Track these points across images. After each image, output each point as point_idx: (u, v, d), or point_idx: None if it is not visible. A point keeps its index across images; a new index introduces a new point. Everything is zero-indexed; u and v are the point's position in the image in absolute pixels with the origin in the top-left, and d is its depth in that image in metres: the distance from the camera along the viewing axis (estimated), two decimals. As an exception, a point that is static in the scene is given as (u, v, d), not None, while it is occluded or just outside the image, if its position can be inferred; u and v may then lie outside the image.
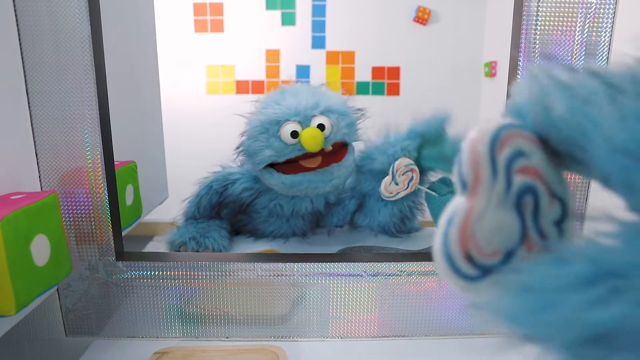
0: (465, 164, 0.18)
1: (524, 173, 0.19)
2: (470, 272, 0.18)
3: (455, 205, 0.18)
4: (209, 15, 1.71)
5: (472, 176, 0.18)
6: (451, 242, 0.18)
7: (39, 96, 0.48)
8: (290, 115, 0.56)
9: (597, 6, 0.46)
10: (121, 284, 0.53)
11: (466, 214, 0.18)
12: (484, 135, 0.18)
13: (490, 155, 0.18)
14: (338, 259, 0.53)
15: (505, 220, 0.18)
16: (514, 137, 0.18)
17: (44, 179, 0.50)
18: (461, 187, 0.18)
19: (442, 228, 0.18)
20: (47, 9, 0.46)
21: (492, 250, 0.18)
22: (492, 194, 0.18)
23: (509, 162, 0.18)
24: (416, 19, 1.78)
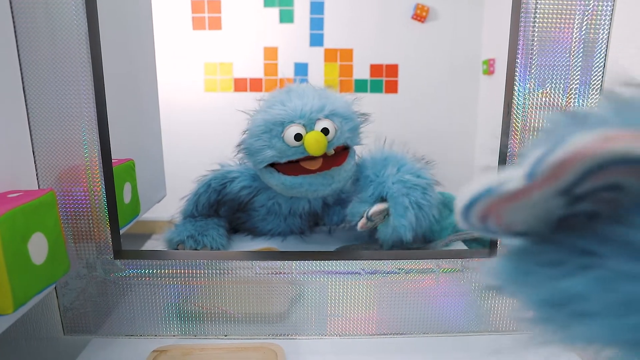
0: (551, 162, 0.15)
1: (600, 202, 0.16)
2: (477, 225, 0.18)
3: (506, 180, 0.16)
4: (206, 12, 1.71)
5: (545, 176, 0.15)
6: (478, 206, 0.17)
7: (36, 94, 0.47)
8: (294, 117, 0.56)
9: (595, 3, 0.46)
10: (119, 282, 0.53)
11: (510, 198, 0.16)
12: (595, 157, 0.14)
13: (581, 177, 0.15)
14: (336, 257, 0.53)
15: (540, 220, 0.18)
16: (626, 173, 0.15)
17: (41, 177, 0.50)
18: (529, 172, 0.15)
19: (479, 187, 0.17)
20: (44, 6, 0.46)
21: (508, 226, 0.18)
22: (550, 201, 0.16)
23: (594, 190, 0.16)
24: (414, 17, 1.78)
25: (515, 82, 0.49)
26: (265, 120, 0.57)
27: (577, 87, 0.48)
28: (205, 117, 1.66)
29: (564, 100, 0.48)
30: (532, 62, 0.48)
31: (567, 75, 0.48)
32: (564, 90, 0.48)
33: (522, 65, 0.48)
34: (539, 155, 0.15)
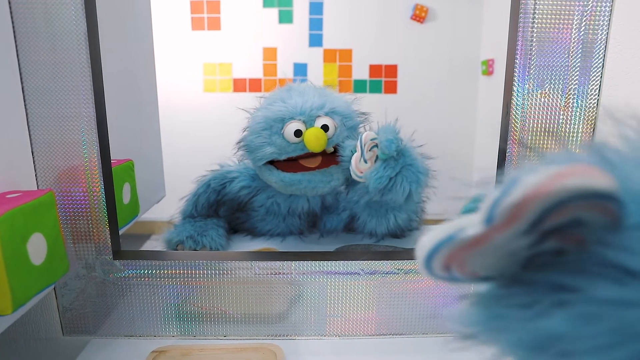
0: (505, 204, 0.14)
1: (563, 240, 0.16)
2: (441, 275, 0.18)
3: (465, 226, 0.16)
4: (205, 13, 1.71)
5: (503, 220, 0.15)
6: (439, 254, 0.17)
7: (35, 94, 0.47)
8: (295, 114, 0.56)
9: (594, 4, 0.46)
10: (118, 283, 0.53)
11: (471, 243, 0.16)
12: (549, 196, 0.14)
13: (539, 217, 0.15)
14: (335, 257, 0.53)
15: (505, 264, 0.17)
16: (586, 208, 0.15)
17: (40, 177, 0.50)
18: (487, 217, 0.15)
19: (439, 237, 0.16)
20: (43, 7, 0.46)
21: (473, 273, 0.18)
22: (511, 244, 0.16)
23: (556, 228, 0.15)
24: (413, 17, 1.78)
25: (514, 83, 0.49)
26: (266, 117, 0.57)
27: (575, 88, 0.48)
28: (204, 117, 1.66)
29: (563, 101, 0.49)
30: (531, 62, 0.48)
31: (566, 75, 0.48)
32: (562, 90, 0.48)
33: (521, 65, 0.48)
34: (495, 199, 0.15)
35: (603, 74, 0.48)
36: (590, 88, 0.48)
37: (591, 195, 0.14)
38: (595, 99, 0.48)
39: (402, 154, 0.54)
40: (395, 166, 0.53)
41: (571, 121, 0.49)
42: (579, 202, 0.14)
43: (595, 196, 0.14)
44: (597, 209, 0.15)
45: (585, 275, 0.16)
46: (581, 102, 0.48)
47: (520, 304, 0.17)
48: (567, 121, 0.49)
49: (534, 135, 0.50)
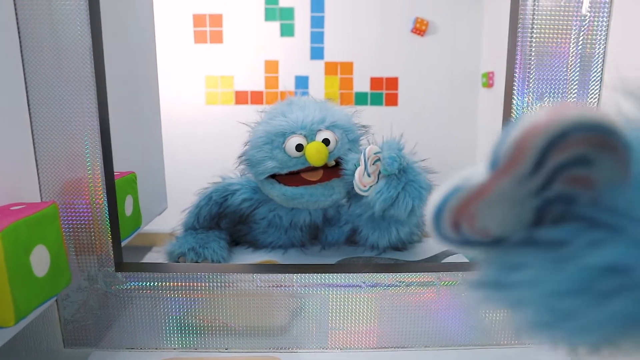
0: (509, 143, 0.14)
1: (572, 183, 0.15)
2: (451, 237, 0.17)
3: (471, 175, 0.16)
4: (208, 26, 1.73)
5: (508, 160, 0.15)
6: (448, 208, 0.16)
7: (40, 107, 0.48)
8: (296, 128, 0.57)
9: (591, 19, 0.47)
10: (120, 295, 0.53)
11: (478, 191, 0.15)
12: (550, 127, 0.14)
13: (542, 151, 0.14)
14: (337, 270, 0.53)
15: (516, 217, 0.16)
16: (589, 143, 0.14)
17: (44, 189, 0.50)
18: (491, 162, 0.15)
19: (447, 189, 0.16)
20: (49, 21, 0.47)
21: (484, 231, 0.17)
22: (518, 189, 0.15)
23: (560, 168, 0.15)
24: (414, 30, 1.80)
25: (514, 96, 0.49)
26: (267, 131, 0.58)
27: (574, 101, 0.49)
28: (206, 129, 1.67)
29: (562, 114, 0.49)
30: (530, 76, 0.49)
31: (565, 89, 0.49)
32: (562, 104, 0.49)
33: (520, 79, 0.49)
34: (497, 143, 0.15)
35: (601, 87, 0.48)
36: (588, 101, 0.48)
37: (591, 127, 0.14)
38: (594, 112, 0.49)
39: (405, 170, 0.54)
40: (398, 185, 0.54)
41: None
42: (580, 134, 0.14)
43: (596, 128, 0.14)
44: (601, 144, 0.14)
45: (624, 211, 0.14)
46: (580, 115, 0.49)
47: (547, 246, 0.16)
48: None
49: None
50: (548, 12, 0.47)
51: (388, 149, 0.54)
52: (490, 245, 0.18)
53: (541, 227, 0.16)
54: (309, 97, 0.65)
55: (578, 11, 0.47)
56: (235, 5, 1.79)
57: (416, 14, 1.80)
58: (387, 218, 0.60)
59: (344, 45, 1.86)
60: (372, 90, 1.88)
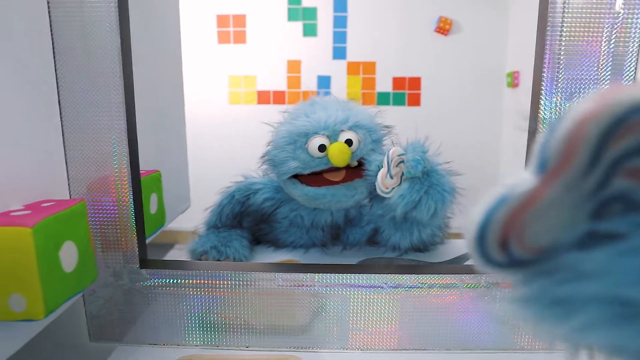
0: (558, 140, 0.13)
1: (633, 177, 0.13)
2: (498, 259, 0.15)
3: (518, 182, 0.14)
4: (231, 26, 1.74)
5: (559, 159, 0.13)
6: (494, 223, 0.14)
7: (70, 108, 0.49)
8: (319, 128, 0.57)
9: (625, 16, 0.45)
10: (144, 291, 0.54)
11: (528, 200, 0.14)
12: (605, 112, 0.12)
13: (599, 143, 0.12)
14: (359, 270, 0.53)
15: (572, 222, 0.14)
16: None
17: (73, 187, 0.51)
18: (539, 164, 0.13)
19: (490, 203, 0.14)
20: (80, 24, 0.48)
21: (536, 247, 0.15)
22: (574, 191, 0.13)
23: (620, 159, 0.13)
24: (437, 30, 1.78)
25: (542, 96, 0.48)
26: (290, 131, 0.58)
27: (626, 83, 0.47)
28: (229, 129, 1.68)
29: (592, 114, 0.48)
30: (558, 75, 0.48)
31: (595, 89, 0.47)
32: (592, 104, 0.47)
33: (549, 79, 0.48)
34: (543, 142, 0.13)
35: (634, 87, 0.46)
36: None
37: None
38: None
39: (428, 173, 0.53)
40: (421, 189, 0.53)
41: None
42: (635, 117, 0.12)
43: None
44: None
45: None
46: (611, 116, 0.47)
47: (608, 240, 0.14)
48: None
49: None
50: (579, 9, 0.46)
51: (412, 152, 0.54)
52: (542, 261, 0.15)
53: (601, 222, 0.14)
54: (331, 97, 0.65)
55: (611, 8, 0.46)
56: (259, 5, 1.80)
57: (440, 13, 1.78)
58: (408, 219, 0.59)
59: (366, 45, 1.85)
60: (395, 90, 1.87)
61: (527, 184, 0.14)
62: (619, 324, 0.13)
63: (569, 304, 0.14)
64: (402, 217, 0.57)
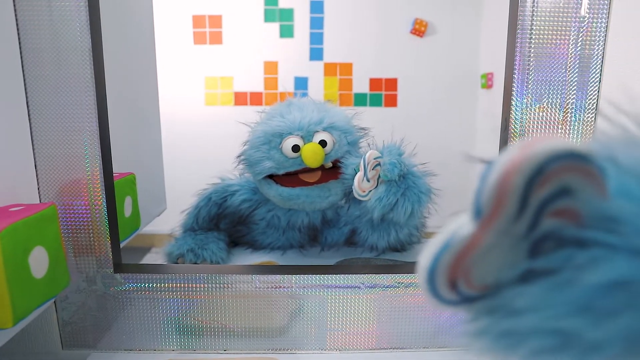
0: (488, 190, 0.14)
1: (559, 216, 0.15)
2: (449, 298, 0.17)
3: (458, 228, 0.15)
4: (207, 27, 1.73)
5: (491, 207, 0.14)
6: (441, 267, 0.16)
7: (39, 109, 0.48)
8: (293, 129, 0.57)
9: (590, 20, 0.47)
10: (119, 296, 0.53)
11: (469, 245, 0.15)
12: (527, 164, 0.14)
13: (524, 191, 0.14)
14: (336, 271, 0.53)
15: (512, 261, 0.16)
16: (566, 172, 0.14)
17: (43, 190, 0.50)
18: (475, 211, 0.15)
19: (435, 249, 0.16)
20: (49, 23, 0.47)
21: (483, 285, 0.16)
22: (508, 234, 0.15)
23: (545, 203, 0.15)
24: (413, 31, 1.80)
25: (513, 97, 0.49)
26: (265, 131, 0.58)
27: (573, 102, 0.49)
28: (205, 130, 1.67)
29: (561, 115, 0.49)
30: (529, 77, 0.49)
31: (564, 90, 0.49)
32: (560, 105, 0.49)
33: (519, 80, 0.49)
34: (476, 190, 0.14)
35: (600, 88, 0.48)
36: (587, 102, 0.48)
37: (566, 156, 0.14)
38: (592, 114, 0.49)
39: (404, 176, 0.54)
40: (397, 191, 0.54)
41: (569, 135, 0.49)
42: (557, 165, 0.14)
43: (570, 157, 0.14)
44: (579, 172, 0.14)
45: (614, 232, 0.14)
46: (579, 117, 0.49)
47: (544, 276, 0.15)
48: (565, 135, 0.49)
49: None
50: (547, 13, 0.47)
51: (389, 154, 0.54)
52: (490, 296, 0.17)
53: (535, 260, 0.16)
54: (308, 98, 0.65)
55: (577, 12, 0.47)
56: (235, 6, 1.79)
57: (415, 15, 1.80)
58: (386, 220, 0.60)
59: (343, 47, 1.86)
60: (372, 91, 1.88)
61: (467, 230, 0.15)
62: (560, 353, 0.15)
63: (514, 336, 0.16)
64: (380, 219, 0.58)
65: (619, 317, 0.14)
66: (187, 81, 1.72)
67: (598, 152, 0.15)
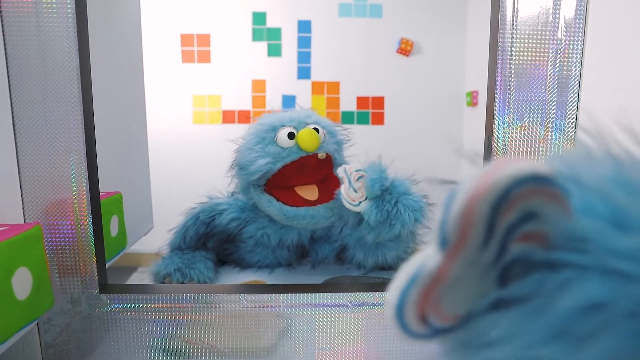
0: (453, 219, 0.14)
1: (526, 240, 0.15)
2: (420, 331, 0.16)
3: (425, 260, 0.15)
4: (196, 46, 1.74)
5: (457, 236, 0.14)
6: (409, 302, 0.15)
7: (26, 128, 0.48)
8: (285, 121, 0.59)
9: (567, 43, 0.49)
10: (104, 318, 0.52)
11: (436, 277, 0.15)
12: (490, 191, 0.13)
13: (490, 219, 0.14)
14: (323, 290, 0.53)
15: (482, 290, 0.15)
16: (530, 196, 0.14)
17: (28, 210, 0.49)
18: (440, 241, 0.14)
19: (402, 283, 0.15)
20: (37, 42, 0.47)
21: (454, 315, 0.16)
22: (476, 263, 0.15)
23: (511, 229, 0.14)
24: (399, 51, 1.84)
25: (495, 116, 0.51)
26: (257, 130, 0.60)
27: (553, 121, 0.50)
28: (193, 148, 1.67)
29: (542, 133, 0.50)
30: (510, 97, 0.50)
31: (544, 109, 0.50)
32: (541, 124, 0.50)
33: (501, 100, 0.50)
34: (440, 220, 0.14)
35: (578, 108, 0.50)
36: (567, 121, 0.50)
37: (529, 180, 0.14)
38: (572, 132, 0.50)
39: (390, 192, 0.55)
40: (386, 222, 0.54)
41: (550, 153, 0.50)
42: (520, 189, 0.13)
43: (533, 180, 0.14)
44: (543, 194, 0.14)
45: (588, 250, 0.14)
46: (559, 135, 0.50)
47: (515, 303, 0.15)
48: (546, 153, 0.51)
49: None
50: (526, 35, 0.49)
51: (371, 172, 0.55)
52: (462, 327, 0.16)
53: (505, 288, 0.15)
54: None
55: (554, 35, 0.49)
56: (223, 25, 1.81)
57: (401, 34, 1.84)
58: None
59: (330, 65, 1.89)
60: (359, 109, 1.90)
61: (433, 261, 0.14)
62: None
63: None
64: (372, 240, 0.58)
65: (596, 341, 0.13)
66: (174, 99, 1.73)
67: (560, 171, 0.15)
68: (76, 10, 0.47)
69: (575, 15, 0.49)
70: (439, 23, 1.85)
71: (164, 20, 1.73)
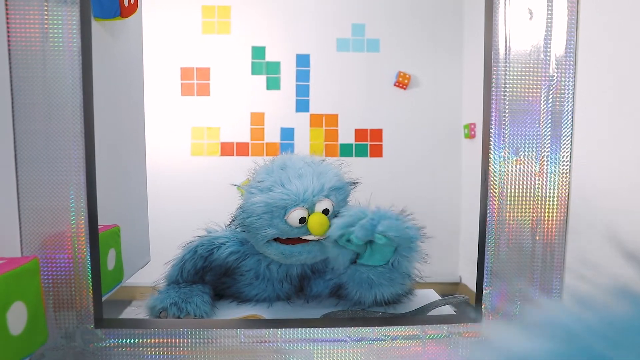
0: None
1: None
2: None
3: None
4: (195, 79, 1.77)
5: None
6: None
7: (27, 162, 0.48)
8: (297, 201, 0.58)
9: (558, 79, 0.50)
10: (98, 353, 0.51)
11: None
12: None
13: None
14: (322, 324, 0.53)
15: None
16: None
17: (25, 243, 0.49)
18: None
19: None
20: (42, 79, 0.48)
21: None
22: None
23: None
24: (397, 84, 1.87)
25: (491, 150, 0.51)
26: (267, 203, 0.59)
27: (548, 155, 0.51)
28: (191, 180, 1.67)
29: (537, 167, 0.51)
30: (505, 131, 0.51)
31: (538, 143, 0.51)
32: (536, 157, 0.51)
33: (497, 134, 0.51)
34: None
35: (572, 141, 0.50)
36: (562, 155, 0.51)
37: None
38: (567, 165, 0.51)
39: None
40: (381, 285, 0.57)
41: (546, 186, 0.51)
42: None
43: None
44: None
45: None
46: (554, 168, 0.51)
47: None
48: (542, 186, 0.51)
49: (512, 200, 0.51)
50: (519, 72, 0.50)
51: (358, 230, 0.55)
52: None
53: None
54: (298, 156, 0.66)
55: (546, 71, 0.50)
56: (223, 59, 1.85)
57: (399, 68, 1.88)
58: (367, 279, 0.59)
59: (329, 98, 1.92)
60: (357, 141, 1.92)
61: None
62: None
63: None
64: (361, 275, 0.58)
65: None
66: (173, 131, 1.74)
67: None
68: (82, 46, 0.48)
69: (566, 53, 0.50)
70: (436, 56, 1.90)
71: (165, 53, 1.77)
